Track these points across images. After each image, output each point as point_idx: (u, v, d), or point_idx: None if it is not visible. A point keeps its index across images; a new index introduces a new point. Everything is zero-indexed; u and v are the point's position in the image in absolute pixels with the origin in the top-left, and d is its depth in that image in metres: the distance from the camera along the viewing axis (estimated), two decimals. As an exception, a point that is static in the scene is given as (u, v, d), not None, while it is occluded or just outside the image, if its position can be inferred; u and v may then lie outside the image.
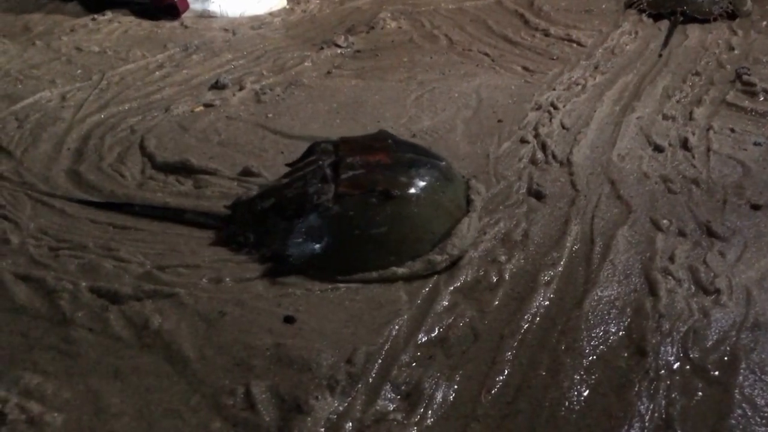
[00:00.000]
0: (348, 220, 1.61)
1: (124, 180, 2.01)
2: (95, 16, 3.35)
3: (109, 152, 2.16)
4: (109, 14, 3.38)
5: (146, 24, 3.27)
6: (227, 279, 1.58)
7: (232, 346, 1.39)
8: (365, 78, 2.71)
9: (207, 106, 2.46)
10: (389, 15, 3.38)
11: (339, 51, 3.01)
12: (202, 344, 1.40)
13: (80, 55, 2.90)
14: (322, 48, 3.03)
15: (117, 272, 1.60)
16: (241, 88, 2.59)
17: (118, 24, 3.23)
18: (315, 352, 1.36)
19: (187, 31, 3.19)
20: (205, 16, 3.28)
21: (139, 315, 1.48)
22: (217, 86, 2.62)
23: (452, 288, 1.55)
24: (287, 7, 3.34)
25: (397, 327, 1.44)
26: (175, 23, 3.26)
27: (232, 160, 2.09)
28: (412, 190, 1.66)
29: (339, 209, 1.62)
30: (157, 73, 2.76)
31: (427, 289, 1.55)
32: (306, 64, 2.88)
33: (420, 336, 1.42)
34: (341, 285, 1.56)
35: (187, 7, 3.29)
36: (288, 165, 2.00)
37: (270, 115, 2.38)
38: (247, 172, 2.00)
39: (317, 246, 1.61)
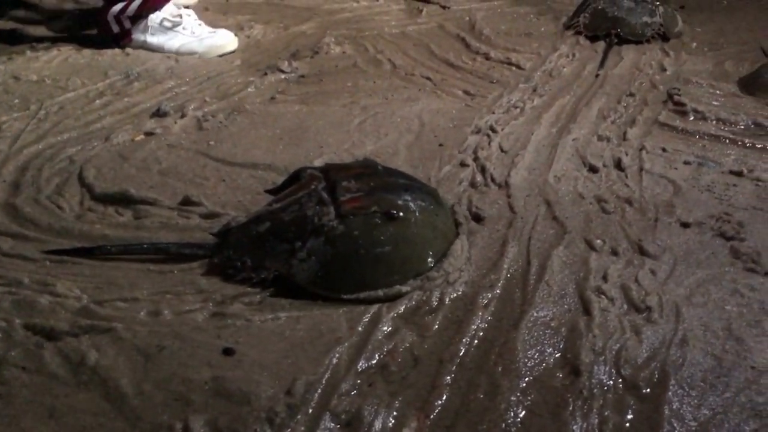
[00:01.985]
0: (353, 239, 1.65)
1: (62, 212, 1.98)
2: (33, 44, 3.29)
3: (46, 184, 2.12)
4: (48, 42, 3.34)
5: (87, 52, 3.22)
6: (166, 312, 1.57)
7: (171, 380, 1.38)
8: (309, 103, 2.72)
9: (148, 134, 2.44)
10: (333, 40, 3.41)
11: (283, 76, 3.02)
12: (140, 379, 1.39)
13: (17, 84, 2.84)
14: (265, 73, 3.04)
15: (53, 308, 1.58)
16: (183, 116, 2.57)
17: (57, 52, 3.18)
18: (254, 384, 1.36)
19: (128, 59, 3.16)
20: (146, 48, 3.25)
21: (75, 351, 1.45)
22: (159, 114, 2.60)
23: (393, 314, 1.56)
24: (232, 50, 3.31)
25: (337, 355, 1.44)
26: (117, 50, 3.23)
27: (172, 189, 2.08)
28: (412, 212, 1.72)
29: (344, 229, 1.66)
30: (97, 101, 2.73)
31: (368, 316, 1.56)
32: (249, 89, 2.88)
33: (360, 363, 1.43)
34: (282, 315, 1.56)
35: (129, 39, 3.27)
36: (269, 192, 2.03)
37: (212, 143, 2.37)
38: (187, 202, 1.99)
39: (322, 266, 1.64)
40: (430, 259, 1.69)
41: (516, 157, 2.25)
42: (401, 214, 1.69)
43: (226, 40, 3.33)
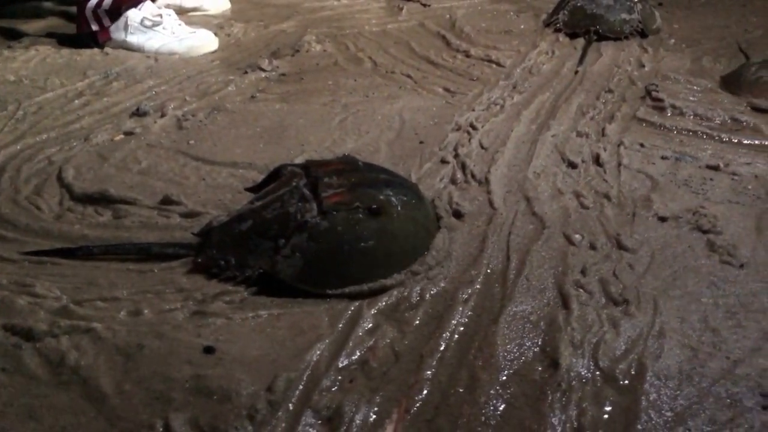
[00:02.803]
0: (337, 234, 1.66)
1: (41, 213, 1.97)
2: (11, 43, 3.27)
3: (25, 185, 2.11)
4: (26, 41, 3.32)
5: (65, 51, 3.20)
6: (146, 311, 1.56)
7: (151, 379, 1.38)
8: (290, 102, 2.72)
9: (127, 134, 2.43)
10: (314, 38, 3.41)
11: (263, 75, 3.02)
12: (121, 379, 1.39)
13: (-5, 85, 2.82)
14: (246, 72, 3.03)
15: (32, 308, 1.57)
16: (163, 115, 2.56)
17: (35, 52, 3.16)
18: (235, 381, 1.36)
19: (108, 58, 3.14)
20: (125, 48, 3.24)
21: (54, 352, 1.45)
22: (138, 113, 2.58)
23: (374, 310, 1.57)
24: (213, 50, 3.30)
25: (318, 352, 1.45)
26: (96, 50, 3.21)
27: (152, 188, 2.07)
28: (394, 207, 1.74)
29: (328, 224, 1.67)
30: (76, 101, 2.71)
31: (349, 313, 1.57)
32: (230, 88, 2.87)
33: (341, 360, 1.43)
34: (263, 313, 1.57)
35: (107, 38, 3.25)
36: (249, 190, 2.02)
37: (192, 142, 2.37)
38: (167, 201, 1.98)
39: (306, 262, 1.64)
40: (412, 253, 1.71)
41: (496, 154, 2.26)
42: (384, 208, 1.70)
43: (206, 40, 3.32)
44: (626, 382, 1.38)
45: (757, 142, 2.38)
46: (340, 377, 1.39)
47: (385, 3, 4.00)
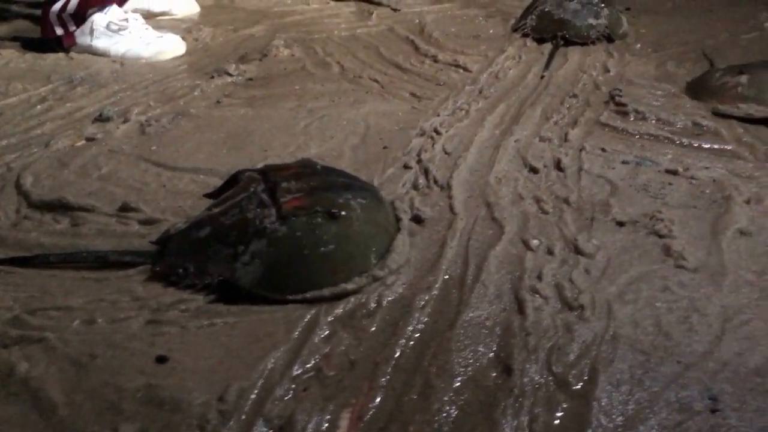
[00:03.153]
0: (296, 240, 1.65)
1: (-3, 220, 1.94)
2: (-27, 48, 3.23)
3: (-18, 192, 2.08)
4: (-12, 46, 3.28)
5: (29, 56, 3.17)
6: (100, 320, 1.55)
7: (102, 389, 1.36)
8: (255, 107, 2.71)
9: (89, 140, 2.41)
10: (283, 42, 3.40)
11: (230, 79, 3.01)
12: (71, 389, 1.37)
13: (-45, 90, 2.78)
14: (213, 77, 3.02)
15: (-17, 319, 1.54)
16: (126, 121, 2.54)
17: (-2, 56, 3.12)
18: (186, 391, 1.35)
19: (72, 63, 3.11)
20: (91, 52, 3.21)
21: (4, 363, 1.43)
22: (101, 119, 2.56)
23: (331, 317, 1.57)
24: (180, 55, 3.28)
25: (273, 360, 1.44)
26: (61, 54, 3.18)
27: (111, 195, 2.05)
28: (353, 210, 1.74)
29: (287, 230, 1.66)
30: (38, 107, 2.68)
31: (306, 320, 1.56)
32: (195, 93, 2.86)
33: (296, 368, 1.43)
34: (218, 321, 1.56)
35: (72, 42, 3.21)
36: (207, 196, 2.01)
37: (154, 148, 2.35)
38: (125, 208, 1.96)
39: (266, 268, 1.63)
40: (373, 256, 1.71)
41: (458, 159, 2.27)
42: (343, 212, 1.70)
43: (173, 45, 3.30)
44: (579, 387, 1.39)
45: (717, 146, 2.41)
46: (293, 386, 1.38)
47: (356, 8, 4.01)
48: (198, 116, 2.61)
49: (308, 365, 1.44)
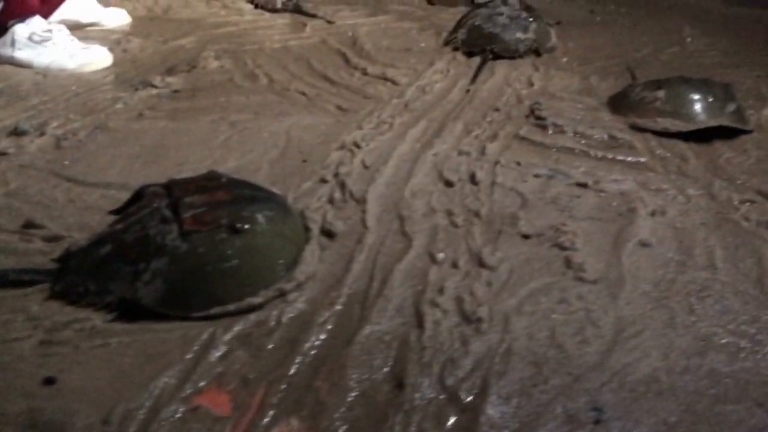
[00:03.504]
0: (198, 256, 1.62)
1: None
2: None
3: None
4: None
5: (-53, 67, 3.09)
6: (-11, 342, 1.51)
7: (-16, 414, 1.33)
8: (177, 119, 2.69)
9: (1, 154, 2.35)
10: (212, 54, 3.38)
11: (155, 92, 2.97)
12: (-49, 415, 1.33)
13: None
14: (137, 89, 2.98)
15: None
16: (42, 134, 2.49)
17: None
18: (71, 413, 1.32)
19: (-9, 74, 3.04)
20: (13, 64, 3.14)
21: None
22: (17, 132, 2.50)
23: (229, 335, 1.55)
24: (106, 66, 3.23)
25: (164, 381, 1.42)
26: (-21, 65, 3.10)
27: (17, 212, 2.00)
28: (258, 223, 1.71)
29: (188, 247, 1.63)
30: (-49, 119, 2.61)
31: (202, 339, 1.54)
32: (118, 106, 2.82)
33: (187, 388, 1.41)
34: (112, 341, 1.53)
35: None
36: (113, 213, 1.96)
37: (67, 162, 2.31)
38: (29, 224, 1.92)
39: (168, 286, 1.60)
40: (280, 269, 1.71)
41: (376, 173, 2.28)
42: (247, 226, 1.68)
43: (99, 56, 3.26)
44: (468, 400, 1.40)
45: (630, 159, 2.48)
46: (183, 407, 1.37)
47: (290, 19, 4.02)
48: (116, 130, 2.57)
49: (201, 384, 1.42)
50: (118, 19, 3.86)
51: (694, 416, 1.38)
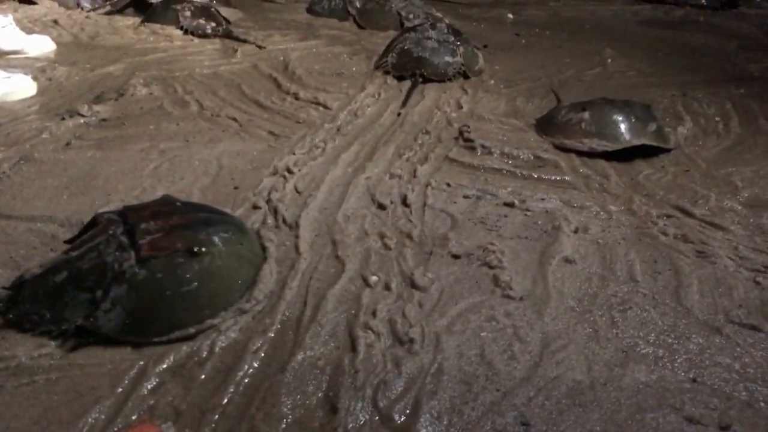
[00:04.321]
0: (157, 282, 1.63)
1: None
2: None
3: None
4: None
5: None
6: None
7: None
8: (105, 149, 2.65)
9: None
10: (141, 81, 3.35)
11: (82, 120, 2.92)
12: None
13: None
14: (64, 118, 2.92)
15: None
16: (-37, 167, 2.42)
17: None
18: (-6, 456, 1.29)
19: None
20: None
21: None
22: (-65, 166, 2.42)
23: (160, 368, 1.54)
24: (30, 95, 3.16)
25: (94, 416, 1.40)
26: None
27: (-65, 248, 1.94)
28: (214, 245, 1.73)
29: (146, 273, 1.63)
30: None
31: (132, 373, 1.53)
32: (44, 136, 2.75)
33: (118, 422, 1.39)
34: (39, 378, 1.50)
35: None
36: (67, 242, 1.93)
37: (-11, 196, 2.25)
38: (-51, 262, 1.87)
39: (127, 312, 1.60)
40: (239, 289, 1.73)
41: (309, 198, 2.30)
42: (203, 249, 1.69)
43: (22, 85, 3.18)
44: (401, 421, 1.43)
45: (555, 177, 2.57)
46: (113, 442, 1.35)
47: (220, 45, 4.00)
48: (42, 161, 2.51)
49: (132, 418, 1.41)
50: (43, 46, 3.78)
51: (616, 426, 1.44)
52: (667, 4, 5.59)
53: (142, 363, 1.55)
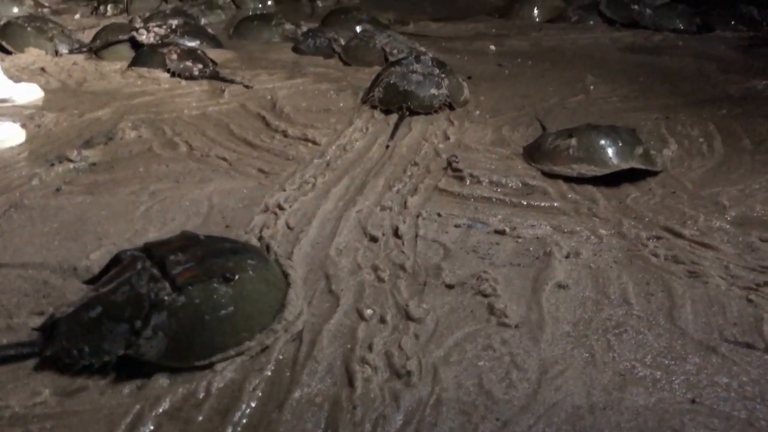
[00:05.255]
0: (196, 307, 1.68)
1: None
2: None
3: None
4: None
5: None
6: None
7: None
8: (95, 193, 2.65)
9: None
10: (130, 124, 3.36)
11: (72, 166, 2.93)
12: None
13: None
14: (53, 164, 2.93)
15: None
16: (-47, 217, 2.41)
17: None
18: None
19: None
20: None
21: None
22: (-76, 217, 2.42)
23: (156, 412, 1.53)
24: (19, 143, 3.18)
25: (90, 463, 1.38)
26: None
27: (-74, 300, 1.93)
28: (245, 271, 1.80)
29: (185, 299, 1.68)
30: None
31: (129, 419, 1.51)
32: (33, 182, 2.76)
33: (115, 469, 1.38)
34: (34, 427, 1.49)
35: None
36: (88, 282, 1.96)
37: (-20, 245, 2.24)
38: (-60, 313, 1.85)
39: (170, 339, 1.64)
40: (270, 312, 1.79)
41: (300, 234, 2.31)
42: (236, 275, 1.75)
43: (10, 133, 3.19)
44: (402, 455, 1.42)
45: (544, 204, 2.59)
46: (111, 489, 1.33)
47: (208, 86, 4.04)
48: (32, 207, 2.51)
49: (129, 464, 1.39)
50: (31, 94, 3.80)
51: (617, 450, 1.44)
52: (646, 29, 5.69)
53: (138, 407, 1.54)
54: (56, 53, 4.66)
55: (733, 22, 5.83)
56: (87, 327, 1.69)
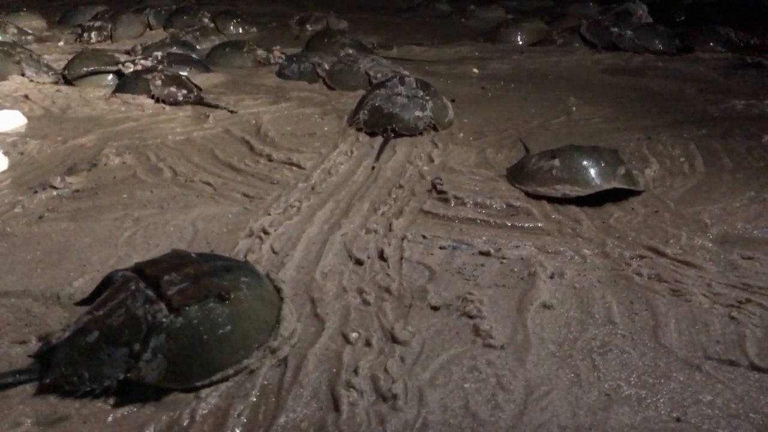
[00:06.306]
0: (194, 328, 1.67)
1: None
2: None
3: None
4: None
5: None
6: None
7: None
8: (78, 220, 2.64)
9: None
10: (114, 150, 3.35)
11: (55, 193, 2.91)
12: None
13: None
14: (36, 191, 2.91)
15: None
16: (-67, 246, 2.39)
17: None
18: None
19: None
20: None
21: None
22: None
23: (140, 439, 1.51)
24: (1, 171, 3.16)
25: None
26: None
27: None
28: (240, 290, 1.79)
29: (183, 321, 1.67)
30: None
31: (112, 446, 1.50)
32: (16, 210, 2.74)
33: (97, 499, 1.36)
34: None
35: None
36: (79, 303, 1.94)
37: (-39, 273, 2.22)
38: None
39: (169, 360, 1.63)
40: (266, 329, 1.79)
41: (286, 257, 2.30)
42: (232, 294, 1.75)
43: None
44: (388, 480, 1.41)
45: (529, 224, 2.60)
46: None
47: (192, 111, 4.04)
48: (14, 235, 2.50)
49: (112, 495, 1.37)
50: (13, 121, 3.79)
51: (604, 470, 1.43)
52: (626, 52, 5.77)
53: (121, 437, 1.52)
54: (23, 75, 4.67)
55: (711, 44, 5.94)
56: (85, 352, 1.68)
